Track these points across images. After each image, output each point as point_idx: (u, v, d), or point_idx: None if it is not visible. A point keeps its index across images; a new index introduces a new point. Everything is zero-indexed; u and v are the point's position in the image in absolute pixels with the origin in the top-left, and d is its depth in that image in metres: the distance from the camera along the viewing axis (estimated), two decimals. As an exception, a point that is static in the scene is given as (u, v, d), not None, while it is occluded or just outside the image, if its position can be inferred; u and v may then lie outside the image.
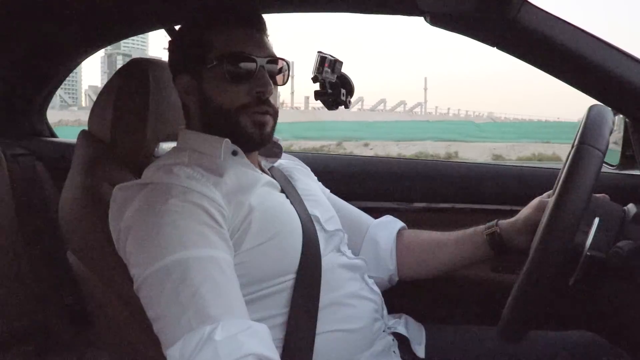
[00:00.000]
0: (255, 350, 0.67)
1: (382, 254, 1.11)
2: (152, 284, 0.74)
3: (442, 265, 1.11)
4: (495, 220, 1.06)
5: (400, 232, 1.15)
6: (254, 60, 0.90)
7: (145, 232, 0.77)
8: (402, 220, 1.18)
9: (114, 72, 1.07)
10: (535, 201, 1.03)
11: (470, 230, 1.08)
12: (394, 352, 0.98)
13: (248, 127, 0.91)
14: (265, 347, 0.70)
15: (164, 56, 1.02)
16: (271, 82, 0.91)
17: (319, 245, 0.93)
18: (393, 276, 1.12)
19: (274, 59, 0.94)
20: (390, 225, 1.16)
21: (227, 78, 0.89)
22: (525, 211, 1.03)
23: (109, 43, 1.72)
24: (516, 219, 1.03)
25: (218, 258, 0.76)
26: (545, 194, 1.04)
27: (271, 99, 0.92)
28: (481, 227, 1.07)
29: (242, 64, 0.89)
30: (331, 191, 1.19)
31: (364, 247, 1.12)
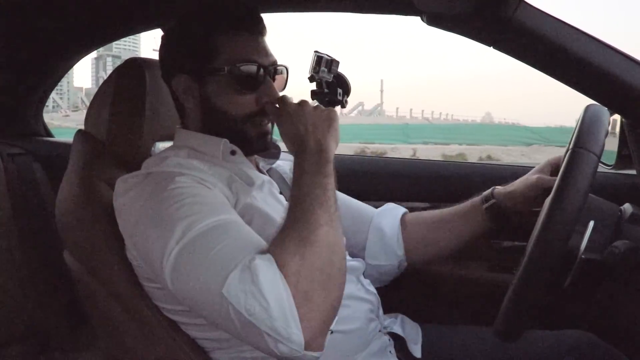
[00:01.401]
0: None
1: (389, 241, 1.11)
2: (190, 252, 0.71)
3: (448, 242, 1.10)
4: (491, 190, 1.08)
5: (403, 218, 1.14)
6: (262, 69, 0.88)
7: (163, 209, 0.75)
8: None
9: (105, 74, 1.06)
10: (533, 178, 1.04)
11: (468, 203, 1.09)
12: (390, 352, 0.98)
13: (253, 138, 0.91)
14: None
15: (156, 57, 1.00)
16: (277, 91, 0.90)
17: None
18: (402, 262, 1.11)
19: (276, 65, 0.92)
20: (393, 211, 1.15)
21: (235, 87, 0.88)
22: (521, 186, 1.05)
23: (106, 42, 1.72)
24: (514, 189, 1.05)
25: (238, 221, 0.77)
26: (546, 163, 1.06)
27: None
28: (477, 199, 1.08)
29: (251, 73, 0.88)
30: None
31: (370, 237, 1.11)
